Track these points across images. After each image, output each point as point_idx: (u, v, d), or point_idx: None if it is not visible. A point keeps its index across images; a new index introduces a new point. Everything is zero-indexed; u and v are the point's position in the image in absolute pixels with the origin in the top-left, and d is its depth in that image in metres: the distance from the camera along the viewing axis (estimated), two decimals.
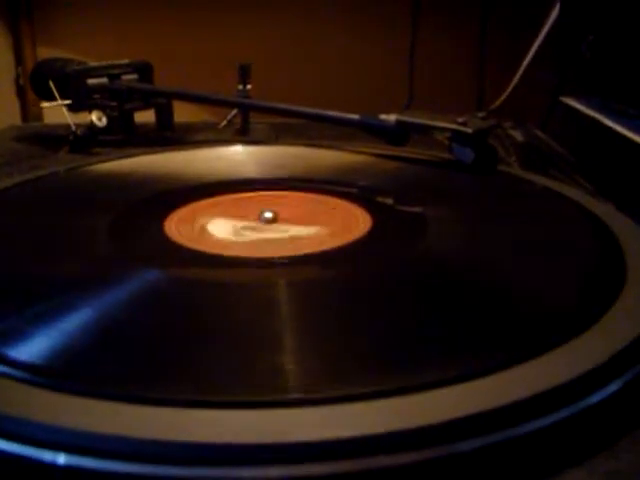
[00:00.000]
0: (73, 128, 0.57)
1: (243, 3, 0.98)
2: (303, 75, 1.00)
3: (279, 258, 0.33)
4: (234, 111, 0.64)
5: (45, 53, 0.96)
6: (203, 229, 0.37)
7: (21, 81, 0.99)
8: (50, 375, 0.23)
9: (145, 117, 0.63)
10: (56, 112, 0.59)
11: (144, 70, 0.63)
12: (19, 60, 0.99)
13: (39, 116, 0.96)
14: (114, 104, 0.59)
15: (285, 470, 0.19)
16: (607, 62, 0.61)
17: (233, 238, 0.36)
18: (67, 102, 0.58)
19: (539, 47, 0.62)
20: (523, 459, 0.21)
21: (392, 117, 0.49)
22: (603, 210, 0.38)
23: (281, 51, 0.99)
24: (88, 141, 0.57)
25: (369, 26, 0.99)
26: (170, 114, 0.63)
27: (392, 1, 0.97)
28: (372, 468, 0.19)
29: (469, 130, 0.45)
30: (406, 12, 0.95)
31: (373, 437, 0.20)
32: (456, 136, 0.46)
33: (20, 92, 1.00)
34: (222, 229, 0.37)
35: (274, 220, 0.37)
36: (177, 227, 0.37)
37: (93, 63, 0.61)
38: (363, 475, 0.19)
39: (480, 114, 0.48)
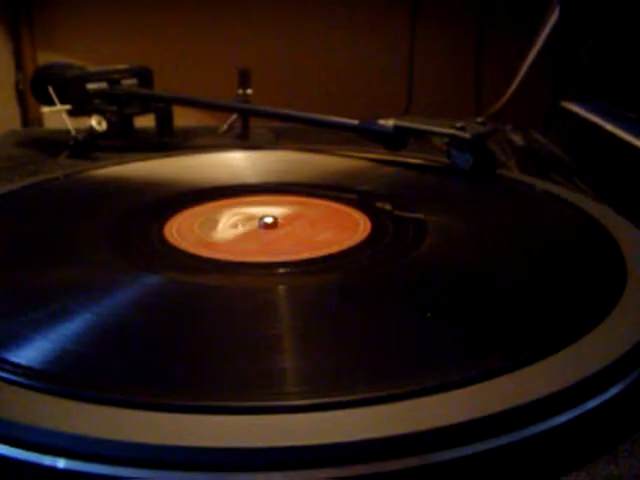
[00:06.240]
0: (73, 133, 0.57)
1: (243, 8, 0.98)
2: (303, 81, 1.00)
3: (279, 263, 0.33)
4: (234, 116, 0.64)
5: (45, 58, 0.96)
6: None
7: (21, 86, 0.99)
8: (49, 380, 0.22)
9: (145, 122, 0.63)
10: (56, 117, 0.59)
11: (144, 75, 0.63)
12: (19, 65, 0.99)
13: (39, 121, 0.96)
14: (114, 109, 0.59)
15: (282, 476, 0.19)
16: (606, 66, 0.61)
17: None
18: (67, 107, 0.58)
19: (538, 51, 0.63)
20: (524, 463, 0.21)
21: (390, 122, 0.49)
22: (603, 213, 0.38)
23: (280, 57, 0.99)
24: (88, 146, 0.57)
25: (368, 32, 1.00)
26: (170, 119, 0.63)
27: (390, 7, 0.97)
28: (375, 473, 0.20)
29: (467, 135, 0.45)
30: (404, 18, 0.95)
31: (375, 441, 0.20)
32: (455, 141, 0.46)
33: (20, 97, 1.00)
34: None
35: (274, 225, 0.37)
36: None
37: (93, 68, 0.61)
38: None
39: (479, 119, 0.48)
